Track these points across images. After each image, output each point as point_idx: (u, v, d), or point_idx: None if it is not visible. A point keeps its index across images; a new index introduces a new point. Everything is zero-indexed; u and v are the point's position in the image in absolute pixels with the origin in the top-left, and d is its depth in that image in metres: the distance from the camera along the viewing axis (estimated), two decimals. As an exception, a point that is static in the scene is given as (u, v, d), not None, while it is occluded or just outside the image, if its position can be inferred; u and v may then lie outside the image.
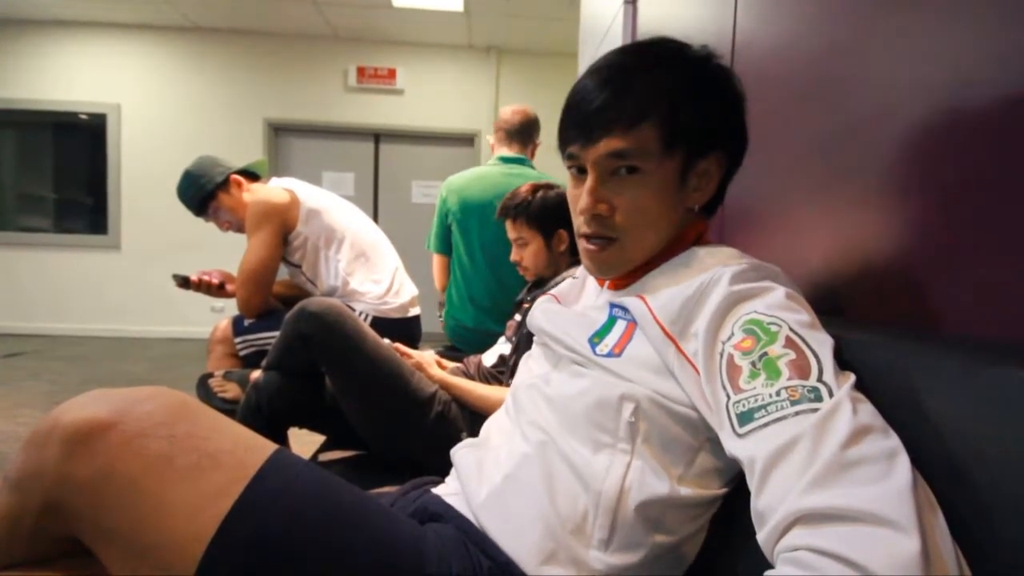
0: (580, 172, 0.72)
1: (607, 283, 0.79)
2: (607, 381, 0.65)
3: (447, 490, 0.77)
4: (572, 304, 0.85)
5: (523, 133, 2.22)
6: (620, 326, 0.69)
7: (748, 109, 0.74)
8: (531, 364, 0.82)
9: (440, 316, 2.30)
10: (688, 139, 0.67)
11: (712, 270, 0.62)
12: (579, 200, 0.70)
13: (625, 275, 0.75)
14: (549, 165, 1.66)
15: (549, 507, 0.64)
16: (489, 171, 2.21)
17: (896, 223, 0.71)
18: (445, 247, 2.23)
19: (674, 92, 0.67)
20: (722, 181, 0.73)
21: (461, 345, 2.15)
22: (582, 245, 0.74)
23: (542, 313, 0.81)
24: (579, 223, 0.72)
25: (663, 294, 0.65)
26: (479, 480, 0.71)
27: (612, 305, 0.72)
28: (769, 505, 0.44)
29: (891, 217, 0.72)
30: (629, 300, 0.68)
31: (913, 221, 0.68)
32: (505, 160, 2.19)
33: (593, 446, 0.64)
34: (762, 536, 0.45)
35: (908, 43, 0.69)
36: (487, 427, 0.82)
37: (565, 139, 0.72)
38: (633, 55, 0.71)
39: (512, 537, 0.65)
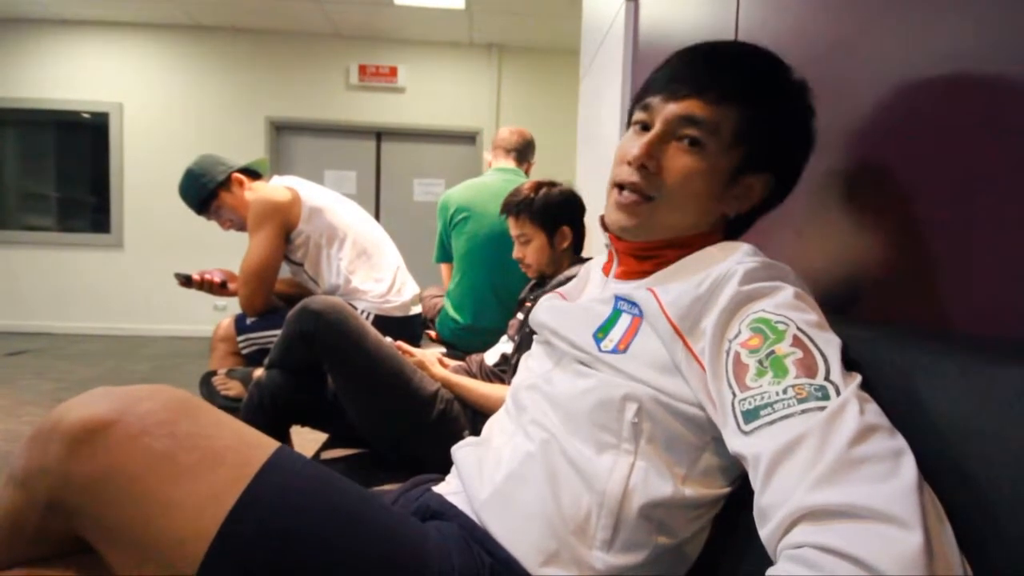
0: (644, 128, 0.71)
1: (614, 271, 0.78)
2: (610, 381, 0.65)
3: (448, 489, 0.77)
4: (576, 300, 0.84)
5: (520, 151, 2.30)
6: (625, 320, 0.68)
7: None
8: (531, 363, 0.82)
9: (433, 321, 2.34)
10: (755, 145, 0.67)
11: (724, 266, 0.61)
12: (630, 150, 0.69)
13: (639, 262, 0.74)
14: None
15: (552, 506, 0.64)
16: (485, 179, 2.29)
17: (899, 222, 0.71)
18: (450, 256, 2.28)
19: (767, 95, 0.67)
20: (758, 207, 0.73)
21: (461, 345, 2.16)
22: (612, 196, 0.72)
23: (546, 310, 0.81)
24: (621, 171, 0.71)
25: (673, 289, 0.64)
26: (481, 479, 0.71)
27: (618, 298, 0.71)
28: (773, 502, 0.44)
29: (894, 216, 0.72)
30: (638, 293, 0.68)
31: (916, 220, 0.68)
32: (502, 171, 2.27)
33: (596, 446, 0.64)
34: (765, 533, 0.45)
35: (909, 42, 0.68)
36: (488, 426, 0.82)
37: (649, 89, 0.71)
38: (747, 46, 0.72)
39: (514, 535, 0.65)
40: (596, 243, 2.00)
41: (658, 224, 0.71)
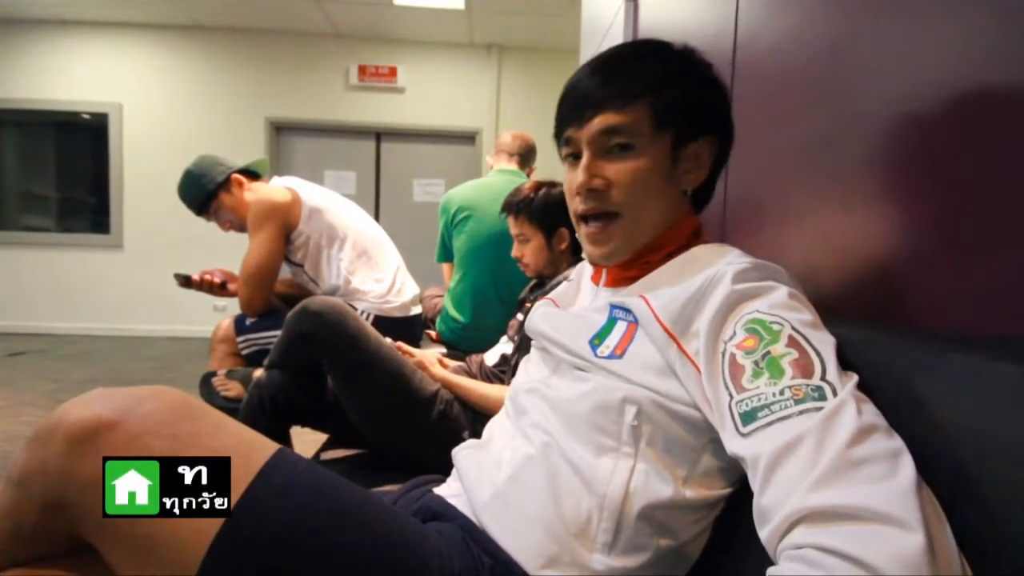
0: (576, 158, 0.73)
1: (603, 280, 0.78)
2: (609, 384, 0.65)
3: (449, 491, 0.77)
4: (569, 306, 0.84)
5: (523, 156, 2.32)
6: (620, 327, 0.69)
7: (748, 107, 0.74)
8: (529, 368, 0.82)
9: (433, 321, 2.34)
10: (678, 119, 0.70)
11: (714, 268, 0.62)
12: (574, 181, 0.72)
13: (625, 269, 0.75)
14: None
15: (552, 509, 0.64)
16: (487, 179, 2.31)
17: (897, 222, 0.71)
18: (451, 256, 2.29)
19: (662, 76, 0.70)
20: (712, 169, 0.75)
21: (461, 345, 2.16)
22: (582, 231, 0.75)
23: (541, 317, 0.81)
24: (575, 204, 0.73)
25: (664, 293, 0.64)
26: (481, 481, 0.71)
27: (612, 306, 0.71)
28: (773, 503, 0.44)
29: (892, 216, 0.72)
30: (630, 300, 0.68)
31: (914, 220, 0.68)
32: (504, 171, 2.28)
33: (596, 449, 0.64)
34: (765, 534, 0.45)
35: (909, 42, 0.68)
36: (489, 429, 0.82)
37: (561, 124, 0.74)
38: (620, 48, 0.75)
39: (515, 538, 0.65)
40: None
41: (633, 235, 0.72)
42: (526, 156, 2.32)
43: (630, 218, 0.71)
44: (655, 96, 0.69)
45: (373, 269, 1.96)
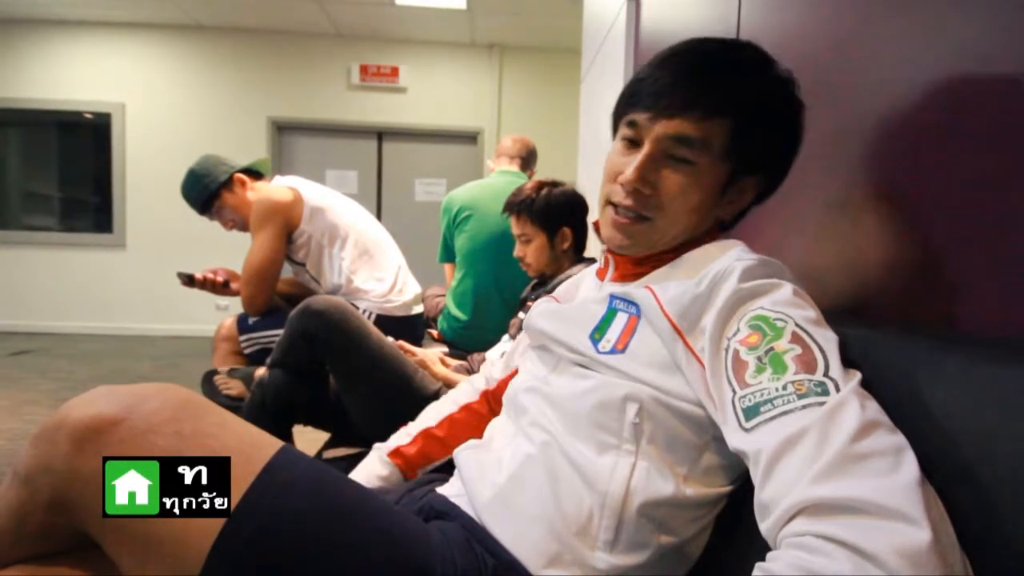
0: (633, 144, 0.69)
1: (610, 275, 0.78)
2: (610, 381, 0.65)
3: (452, 491, 0.77)
4: (569, 302, 0.84)
5: (523, 158, 2.34)
6: (621, 319, 0.68)
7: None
8: (527, 367, 0.82)
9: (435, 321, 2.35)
10: (746, 154, 0.67)
11: (721, 264, 0.62)
12: (622, 169, 0.68)
13: (636, 266, 0.74)
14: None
15: (553, 508, 0.64)
16: (489, 180, 2.32)
17: (900, 222, 0.71)
18: (453, 256, 2.30)
19: (755, 104, 0.66)
20: (750, 204, 0.74)
21: (463, 344, 2.17)
22: (607, 214, 0.72)
23: (540, 315, 0.80)
24: (613, 190, 0.70)
25: (672, 287, 0.64)
26: (482, 481, 0.71)
27: (613, 297, 0.71)
28: (774, 495, 0.44)
29: (895, 216, 0.72)
30: (636, 291, 0.68)
31: (917, 220, 0.68)
32: (505, 172, 2.30)
33: (597, 447, 0.64)
34: (766, 526, 0.45)
35: (912, 42, 0.68)
36: (490, 429, 0.82)
37: (633, 103, 0.69)
38: (725, 51, 0.70)
39: (516, 537, 0.65)
40: (598, 244, 2.00)
41: (657, 240, 0.71)
42: (527, 159, 2.33)
43: (660, 226, 0.69)
44: (739, 122, 0.65)
45: (375, 268, 1.97)
